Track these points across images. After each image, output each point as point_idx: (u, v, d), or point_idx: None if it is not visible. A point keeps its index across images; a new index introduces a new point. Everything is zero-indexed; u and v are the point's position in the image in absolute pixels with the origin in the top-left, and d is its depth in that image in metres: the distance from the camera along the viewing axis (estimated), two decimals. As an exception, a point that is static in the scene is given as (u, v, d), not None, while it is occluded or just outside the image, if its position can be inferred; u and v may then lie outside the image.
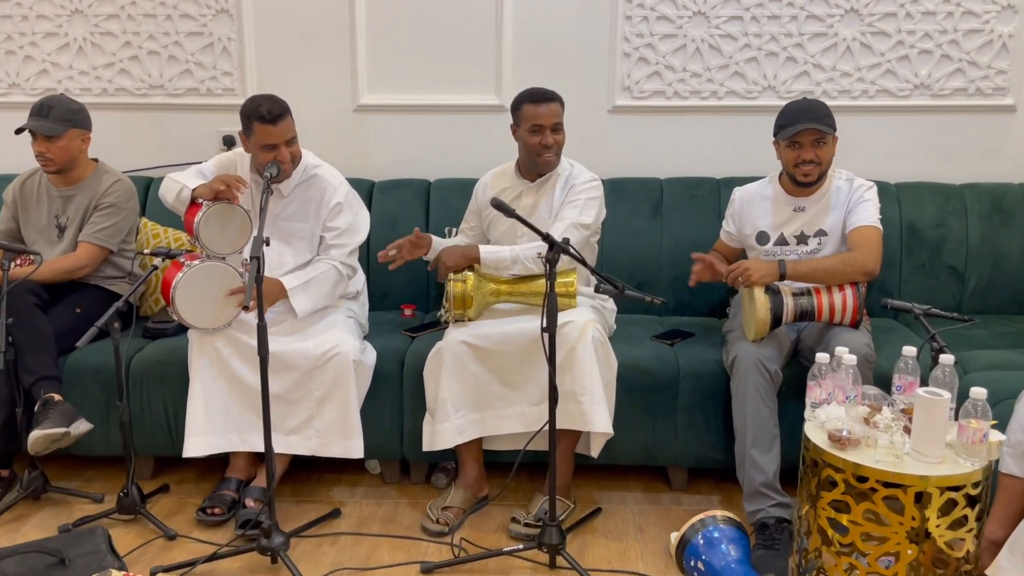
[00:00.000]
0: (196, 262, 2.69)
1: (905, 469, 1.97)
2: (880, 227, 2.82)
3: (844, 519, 2.05)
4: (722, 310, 3.38)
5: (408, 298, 3.48)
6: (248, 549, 2.50)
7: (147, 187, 3.56)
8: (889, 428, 2.00)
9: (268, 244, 2.38)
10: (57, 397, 2.77)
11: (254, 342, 2.70)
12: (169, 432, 2.99)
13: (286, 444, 2.83)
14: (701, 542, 2.37)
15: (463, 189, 3.50)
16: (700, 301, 3.43)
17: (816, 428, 2.17)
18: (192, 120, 3.64)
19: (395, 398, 2.96)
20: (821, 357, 2.25)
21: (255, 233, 2.38)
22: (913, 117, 3.51)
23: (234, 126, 3.51)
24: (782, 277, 2.73)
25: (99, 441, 2.98)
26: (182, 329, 3.08)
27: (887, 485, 1.97)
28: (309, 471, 3.10)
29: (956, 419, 2.05)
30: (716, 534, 2.37)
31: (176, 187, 2.81)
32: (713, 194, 3.47)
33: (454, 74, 3.57)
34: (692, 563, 2.38)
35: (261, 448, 2.79)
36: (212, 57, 3.58)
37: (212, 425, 2.79)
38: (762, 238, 2.96)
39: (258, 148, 2.80)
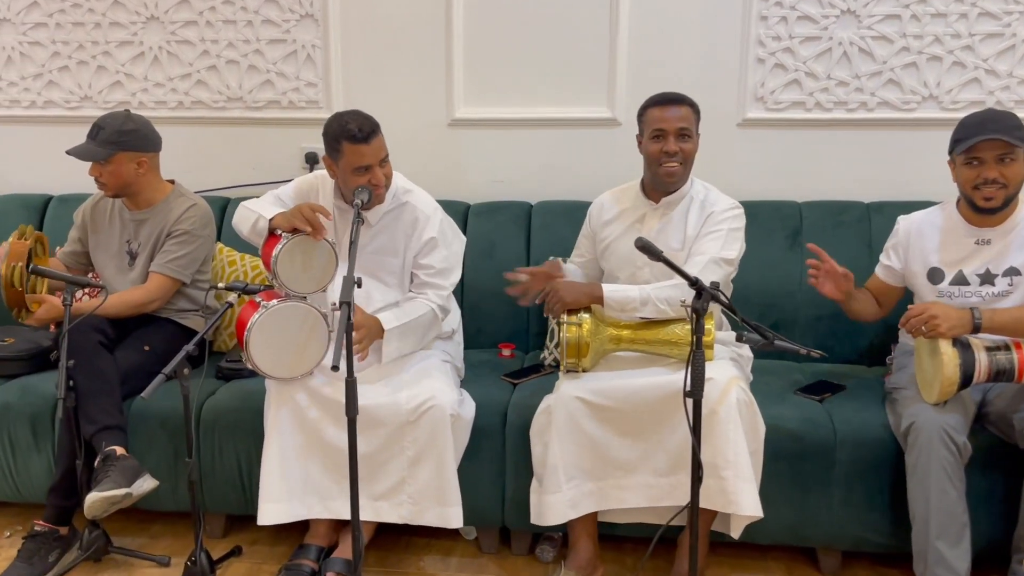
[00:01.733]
0: (274, 302, 2.35)
1: None
2: None
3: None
4: (875, 357, 2.90)
5: (506, 336, 3.08)
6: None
7: (223, 209, 3.26)
8: None
9: (360, 285, 2.02)
10: (120, 451, 2.46)
11: (339, 395, 2.36)
12: (242, 487, 2.66)
13: (374, 511, 2.47)
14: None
15: (569, 213, 3.11)
16: (846, 344, 2.95)
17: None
18: (273, 135, 3.33)
19: (496, 457, 2.56)
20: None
21: (344, 271, 2.01)
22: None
23: (317, 142, 3.20)
24: (976, 329, 2.24)
25: (166, 496, 2.66)
26: (246, 368, 2.76)
27: None
28: (396, 535, 2.72)
29: None
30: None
31: (251, 217, 2.47)
32: (863, 221, 2.98)
33: (561, 84, 3.18)
34: None
35: (345, 515, 2.44)
36: (295, 66, 3.26)
37: (290, 489, 2.44)
38: (935, 275, 2.47)
39: (349, 171, 2.45)
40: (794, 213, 3.03)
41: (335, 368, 1.86)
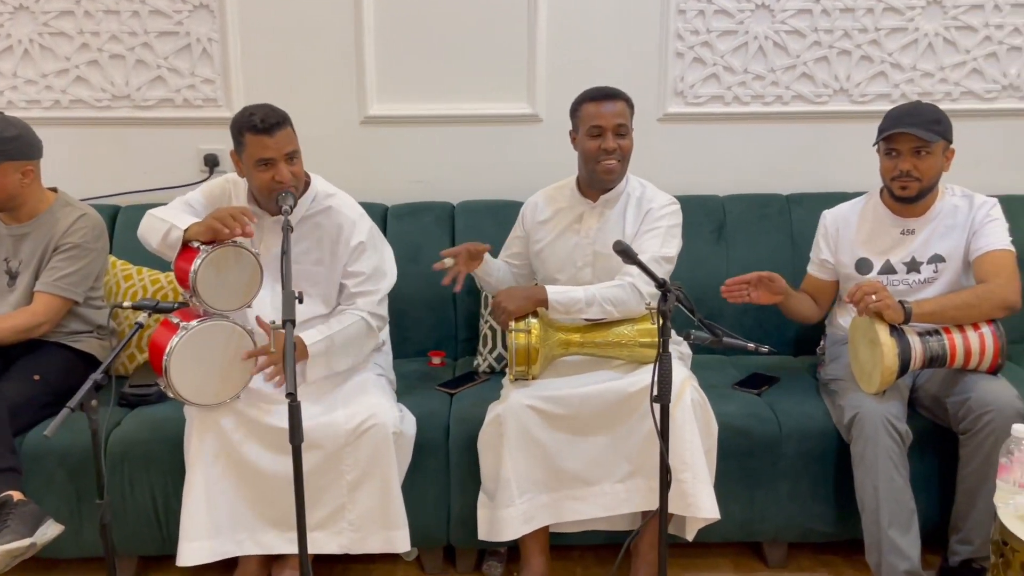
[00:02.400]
0: (194, 322, 2.13)
1: None
2: (1014, 250, 2.39)
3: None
4: (801, 347, 2.93)
5: (434, 343, 2.94)
6: None
7: (114, 218, 2.97)
8: None
9: (301, 300, 1.84)
10: (17, 495, 2.18)
11: (270, 417, 2.19)
12: (158, 525, 2.42)
13: (310, 542, 2.25)
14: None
15: (494, 212, 3.00)
16: (772, 336, 2.94)
17: (1020, 521, 1.71)
18: (166, 136, 3.05)
19: (440, 473, 2.43)
20: (1019, 429, 1.80)
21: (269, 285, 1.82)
22: (1000, 122, 3.10)
23: (216, 143, 2.99)
24: (907, 319, 2.27)
25: (69, 542, 2.37)
26: (155, 393, 2.52)
27: None
28: (332, 563, 2.54)
29: None
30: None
31: (161, 227, 2.23)
32: (783, 213, 3.01)
33: (479, 80, 3.05)
34: None
35: (278, 550, 2.28)
36: (190, 61, 3.00)
37: (216, 525, 2.22)
38: (863, 266, 2.51)
39: (251, 165, 2.25)
40: (717, 207, 3.03)
41: (290, 395, 1.68)
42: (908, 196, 2.40)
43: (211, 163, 3.05)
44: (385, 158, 3.09)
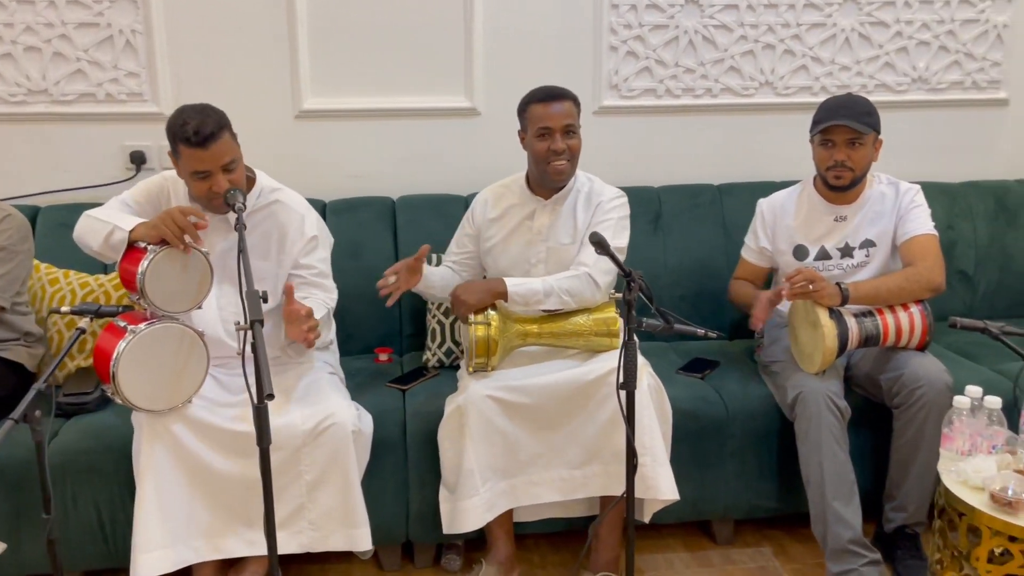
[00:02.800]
0: (142, 325, 2.05)
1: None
2: (937, 234, 2.54)
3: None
4: (735, 331, 3.04)
5: (379, 340, 2.91)
6: None
7: (34, 219, 2.81)
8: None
9: (266, 300, 1.80)
10: (-47, 517, 2.05)
11: (223, 420, 2.14)
12: (104, 539, 2.33)
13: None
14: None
15: (436, 207, 3.00)
16: (709, 321, 2.94)
17: (964, 486, 1.83)
18: (88, 133, 2.91)
19: (398, 470, 2.42)
20: (961, 401, 1.92)
21: (226, 284, 1.77)
22: (911, 113, 3.29)
23: (142, 139, 2.91)
24: (844, 301, 2.39)
25: (7, 561, 2.26)
26: (106, 400, 2.43)
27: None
28: (287, 564, 2.49)
29: None
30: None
31: (102, 228, 2.13)
32: (715, 203, 3.11)
33: (417, 73, 3.03)
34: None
35: (237, 553, 2.24)
36: (112, 54, 2.87)
37: (173, 533, 2.15)
38: (800, 252, 2.63)
39: (188, 176, 2.19)
40: (653, 198, 3.10)
41: (271, 397, 1.64)
42: (842, 185, 2.51)
43: (137, 160, 2.93)
44: (321, 153, 3.04)
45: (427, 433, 2.40)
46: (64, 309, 2.13)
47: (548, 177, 2.43)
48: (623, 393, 1.95)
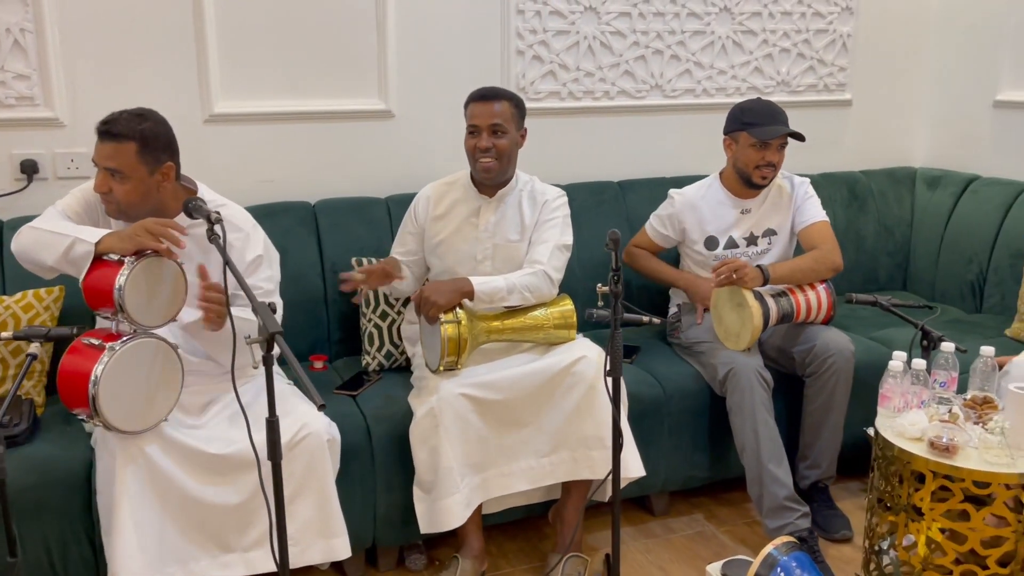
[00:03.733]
0: (118, 343, 1.93)
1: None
2: (829, 220, 2.87)
3: (963, 528, 2.02)
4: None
5: (308, 348, 2.86)
6: None
7: (-86, 238, 2.53)
8: (1003, 430, 2.00)
9: (275, 311, 1.77)
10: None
11: (197, 441, 2.09)
12: (53, 578, 2.15)
13: (246, 564, 2.17)
14: (782, 574, 2.22)
15: (358, 210, 3.00)
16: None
17: (902, 438, 2.11)
18: (-29, 141, 2.65)
19: (365, 475, 2.42)
20: (895, 365, 2.20)
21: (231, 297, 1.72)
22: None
23: (35, 147, 2.73)
24: (765, 282, 2.66)
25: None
26: (35, 429, 2.25)
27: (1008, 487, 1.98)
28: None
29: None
30: (792, 560, 2.24)
31: (59, 241, 1.98)
32: (617, 199, 3.31)
33: (330, 75, 3.00)
34: (777, 600, 2.22)
35: None
36: (-1, 55, 2.63)
37: (148, 561, 2.03)
38: (711, 243, 2.87)
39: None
40: (562, 195, 3.25)
41: (323, 407, 1.61)
42: (765, 184, 2.77)
43: (29, 170, 2.70)
44: (232, 157, 2.93)
45: (392, 436, 2.41)
46: (4, 335, 1.97)
47: (477, 174, 2.51)
48: (610, 380, 2.07)
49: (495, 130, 2.48)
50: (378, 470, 2.41)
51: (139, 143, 2.09)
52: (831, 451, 2.72)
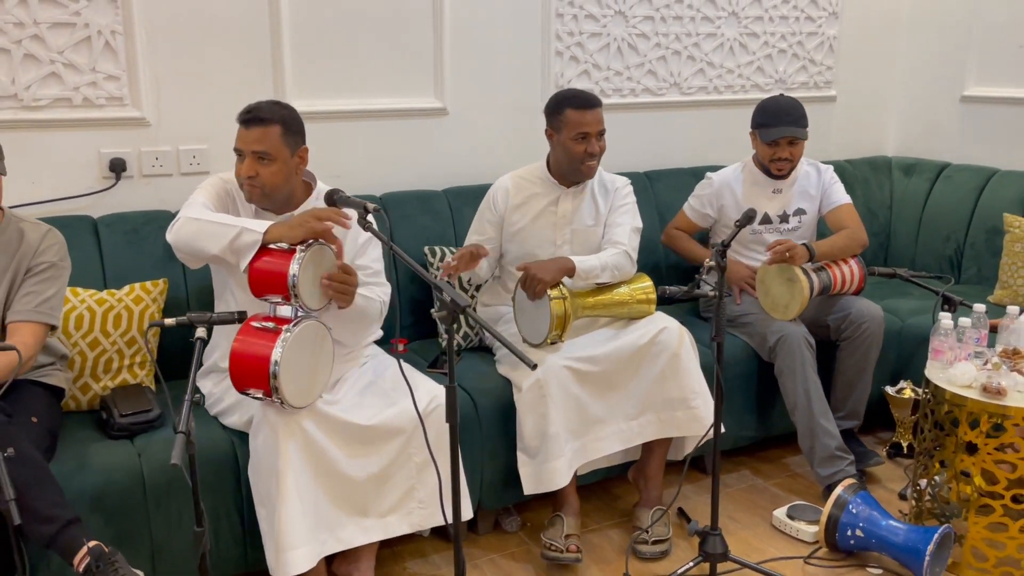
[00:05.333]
0: (291, 326, 2.08)
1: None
2: (852, 202, 3.21)
3: (1014, 458, 2.38)
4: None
5: (386, 332, 3.01)
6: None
7: (14, 236, 2.58)
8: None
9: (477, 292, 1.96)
10: (105, 547, 1.94)
11: (346, 413, 2.25)
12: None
13: (383, 528, 2.35)
14: (854, 512, 2.54)
15: (422, 201, 3.18)
16: None
17: (955, 385, 2.46)
18: (62, 141, 2.70)
19: (471, 445, 2.61)
20: (946, 323, 2.55)
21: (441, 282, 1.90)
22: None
23: (122, 146, 2.80)
24: (811, 259, 2.98)
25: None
26: (156, 418, 2.36)
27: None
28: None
29: None
30: (860, 499, 2.57)
31: (224, 232, 2.12)
32: (646, 188, 3.58)
33: (390, 75, 3.17)
34: (849, 533, 2.54)
35: (355, 543, 2.33)
36: (89, 56, 2.69)
37: (310, 528, 2.19)
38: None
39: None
40: (599, 186, 3.51)
41: (535, 367, 1.81)
42: (782, 175, 3.09)
43: (118, 169, 2.78)
44: (305, 155, 3.07)
45: (494, 408, 2.62)
46: (168, 321, 2.08)
47: (580, 173, 2.74)
48: (716, 344, 2.34)
49: (600, 135, 2.71)
50: (484, 439, 2.61)
51: (282, 126, 2.25)
52: (862, 403, 3.08)
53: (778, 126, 3.02)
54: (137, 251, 2.69)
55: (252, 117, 2.27)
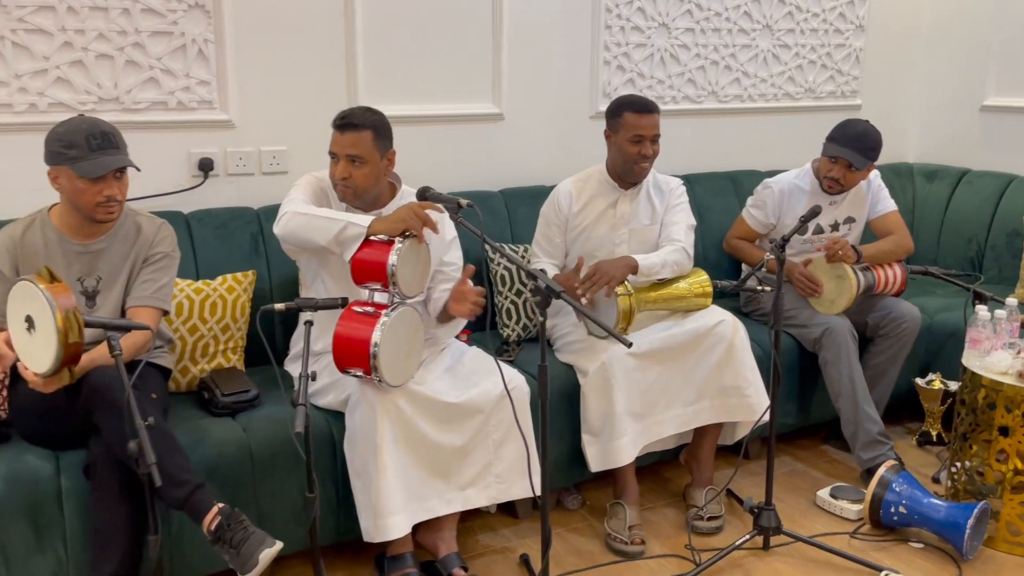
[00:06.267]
0: (389, 311, 2.27)
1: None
2: (897, 208, 3.41)
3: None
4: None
5: (449, 323, 3.23)
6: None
7: (115, 229, 2.77)
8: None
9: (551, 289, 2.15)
10: (231, 508, 2.14)
11: (434, 392, 2.44)
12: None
13: (463, 500, 2.54)
14: (897, 490, 2.74)
15: (482, 202, 3.34)
16: None
17: (991, 372, 2.66)
18: (156, 141, 2.89)
19: (539, 427, 2.79)
20: (983, 315, 2.75)
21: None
22: (801, 116, 4.21)
23: (210, 147, 2.98)
24: (859, 260, 3.17)
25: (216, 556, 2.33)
26: (255, 397, 2.55)
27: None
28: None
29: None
30: (902, 478, 2.76)
31: (331, 226, 2.32)
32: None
33: (452, 83, 3.37)
34: (892, 510, 2.73)
35: (438, 512, 2.51)
36: (184, 63, 2.89)
37: (404, 497, 2.38)
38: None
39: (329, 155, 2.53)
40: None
41: (630, 344, 2.01)
42: (831, 192, 3.27)
43: (206, 168, 2.97)
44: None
45: (560, 392, 2.81)
46: (279, 306, 2.28)
47: (632, 174, 2.93)
48: (774, 333, 2.54)
49: (655, 139, 2.90)
50: (555, 419, 2.80)
51: (374, 131, 2.45)
52: (887, 395, 3.27)
53: (843, 146, 3.14)
54: (225, 244, 2.88)
55: (347, 123, 2.46)
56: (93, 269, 2.35)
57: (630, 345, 2.02)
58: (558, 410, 2.82)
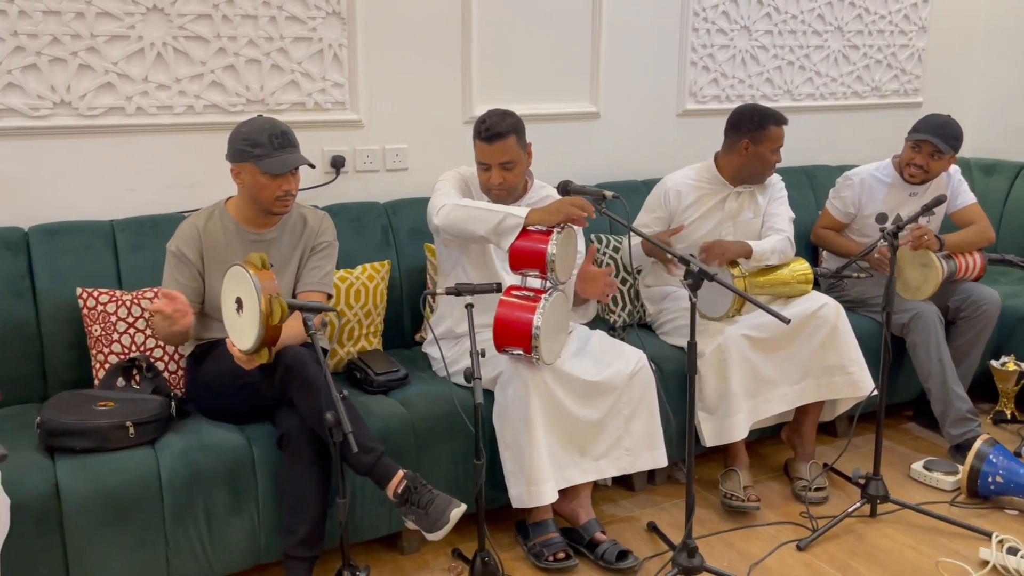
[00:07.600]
0: (547, 295, 2.48)
1: None
2: (977, 201, 3.61)
3: None
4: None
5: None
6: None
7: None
8: None
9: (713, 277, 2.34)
10: (414, 473, 2.35)
11: (575, 370, 2.64)
12: (454, 489, 2.67)
13: (596, 470, 2.74)
14: (994, 461, 2.95)
15: (583, 196, 3.56)
16: None
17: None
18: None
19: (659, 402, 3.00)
20: (1071, 298, 2.96)
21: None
22: (861, 114, 4.42)
23: (341, 145, 3.18)
24: (941, 249, 3.37)
25: (382, 519, 2.55)
26: (405, 376, 2.75)
27: None
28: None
29: None
30: (997, 450, 2.97)
31: (491, 217, 2.52)
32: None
33: (553, 84, 3.58)
34: (990, 480, 2.94)
35: (577, 480, 2.70)
36: (321, 66, 3.09)
37: (549, 467, 2.59)
38: (881, 218, 3.55)
39: (477, 164, 2.70)
40: (727, 182, 3.92)
41: (788, 322, 2.21)
42: (913, 183, 3.47)
43: (337, 164, 3.17)
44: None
45: (676, 372, 3.01)
46: (440, 291, 2.49)
47: (762, 178, 3.15)
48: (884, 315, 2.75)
49: (780, 147, 3.12)
50: (669, 398, 3.01)
51: (515, 134, 2.65)
52: (969, 376, 3.48)
53: (927, 133, 3.35)
54: (360, 236, 3.08)
55: (492, 133, 2.63)
56: (267, 257, 2.55)
57: (788, 322, 2.22)
58: (678, 386, 3.01)
